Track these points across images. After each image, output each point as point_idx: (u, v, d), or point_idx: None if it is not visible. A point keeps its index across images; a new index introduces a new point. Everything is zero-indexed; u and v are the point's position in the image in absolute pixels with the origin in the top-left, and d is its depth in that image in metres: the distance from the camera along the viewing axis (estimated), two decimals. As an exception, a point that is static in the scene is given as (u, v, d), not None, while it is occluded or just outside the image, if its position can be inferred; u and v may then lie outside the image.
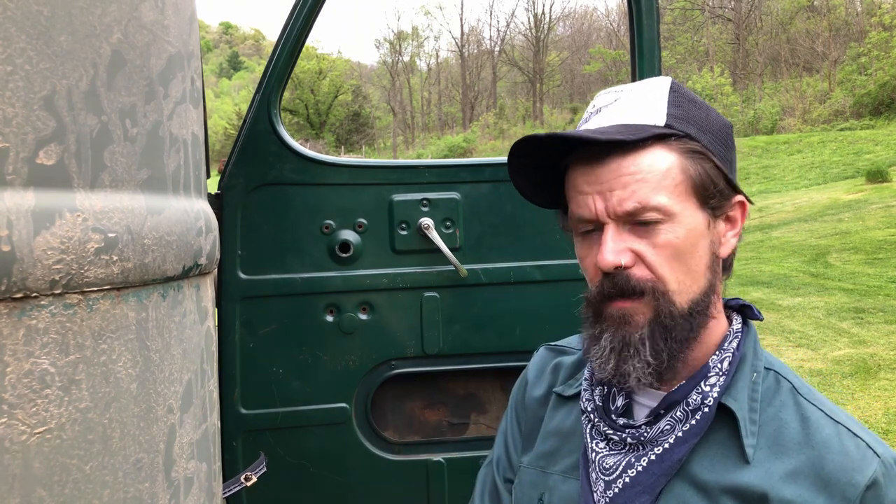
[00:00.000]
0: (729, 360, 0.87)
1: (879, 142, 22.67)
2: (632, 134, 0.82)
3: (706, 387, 0.85)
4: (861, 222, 12.98)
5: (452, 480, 1.95)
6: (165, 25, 0.59)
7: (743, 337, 0.90)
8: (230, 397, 1.84)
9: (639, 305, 0.84)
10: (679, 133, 0.84)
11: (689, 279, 0.84)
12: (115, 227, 0.51)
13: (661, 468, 0.84)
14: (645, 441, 0.86)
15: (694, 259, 0.84)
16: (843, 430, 0.82)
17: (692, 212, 0.83)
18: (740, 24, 43.45)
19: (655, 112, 0.85)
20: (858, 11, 39.38)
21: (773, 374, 0.88)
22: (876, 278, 8.97)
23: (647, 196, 0.82)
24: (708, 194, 0.84)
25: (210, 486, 0.67)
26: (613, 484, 0.86)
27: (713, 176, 0.84)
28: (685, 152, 0.83)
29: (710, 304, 0.86)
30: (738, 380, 0.86)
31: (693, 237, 0.83)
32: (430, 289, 1.93)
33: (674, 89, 0.87)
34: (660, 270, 0.83)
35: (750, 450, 0.82)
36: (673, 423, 0.85)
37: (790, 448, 0.82)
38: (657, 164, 0.83)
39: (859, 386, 5.30)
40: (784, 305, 8.03)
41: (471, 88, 61.29)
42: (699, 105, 0.88)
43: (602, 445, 0.90)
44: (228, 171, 1.86)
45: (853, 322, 7.10)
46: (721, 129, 0.88)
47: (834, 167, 21.41)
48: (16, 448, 0.46)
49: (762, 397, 0.86)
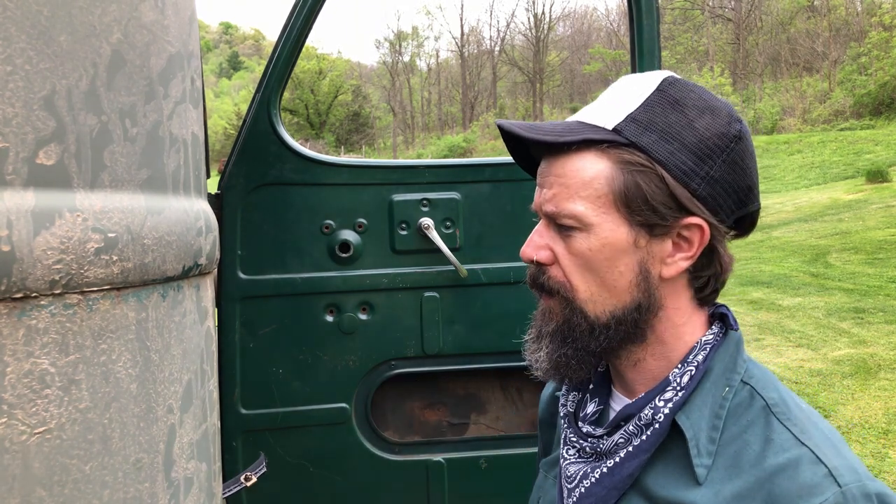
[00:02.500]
0: (691, 373, 0.82)
1: (879, 142, 22.66)
2: (563, 135, 0.80)
3: (660, 402, 0.81)
4: (861, 222, 12.97)
5: (452, 480, 1.95)
6: (165, 25, 0.59)
7: (714, 349, 0.84)
8: (230, 397, 1.84)
9: (555, 305, 0.84)
10: (622, 141, 0.78)
11: (605, 292, 0.81)
12: (114, 227, 0.51)
13: (611, 481, 0.82)
14: (602, 452, 0.84)
15: (610, 273, 0.80)
16: (805, 454, 0.74)
17: (614, 225, 0.79)
18: (740, 24, 43.45)
19: (616, 113, 0.80)
20: (858, 11, 39.38)
21: (749, 389, 0.82)
22: (876, 278, 8.96)
23: (564, 201, 0.80)
24: (634, 210, 0.78)
25: (210, 486, 0.67)
26: (573, 492, 0.86)
27: (649, 192, 0.77)
28: (620, 162, 0.78)
29: (638, 321, 0.82)
30: (698, 395, 0.81)
31: (609, 251, 0.79)
32: (430, 289, 1.93)
33: (660, 88, 0.81)
34: (571, 276, 0.82)
35: (702, 470, 0.77)
36: (627, 437, 0.82)
37: (745, 470, 0.76)
38: (584, 170, 0.79)
39: (859, 386, 5.29)
40: (784, 305, 8.03)
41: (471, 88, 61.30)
42: (685, 109, 0.79)
43: (571, 452, 0.89)
44: (228, 171, 1.86)
45: (853, 322, 7.10)
46: (706, 139, 0.78)
47: (834, 167, 21.41)
48: (16, 448, 0.46)
49: (729, 414, 0.80)
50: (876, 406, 4.89)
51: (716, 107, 0.81)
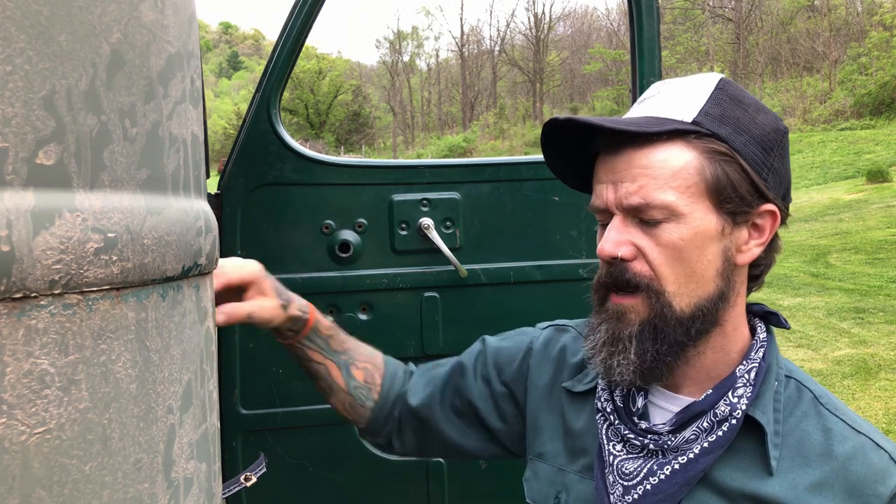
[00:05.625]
0: (756, 370, 0.85)
1: (880, 142, 22.66)
2: (647, 126, 0.80)
3: (734, 398, 0.83)
4: (861, 222, 12.97)
5: (452, 480, 1.95)
6: (165, 25, 0.59)
7: (768, 346, 0.88)
8: (230, 397, 1.84)
9: (635, 303, 0.83)
10: (705, 132, 0.80)
11: (692, 282, 0.81)
12: (114, 227, 0.51)
13: (684, 478, 0.82)
14: (667, 449, 0.84)
15: (700, 263, 0.81)
16: (866, 442, 0.82)
17: (703, 214, 0.80)
18: (741, 24, 43.44)
19: (689, 108, 0.82)
20: (859, 11, 39.38)
21: (795, 382, 0.87)
22: (876, 278, 8.96)
23: (653, 192, 0.80)
24: (724, 198, 0.80)
25: (210, 486, 0.67)
26: (633, 490, 0.85)
27: (735, 180, 0.80)
28: (706, 152, 0.80)
29: (718, 311, 0.84)
30: (765, 391, 0.84)
31: (700, 240, 0.80)
32: (430, 289, 1.93)
33: (720, 87, 0.84)
34: (659, 269, 0.81)
35: (774, 462, 0.81)
36: (698, 433, 0.83)
37: (813, 459, 0.81)
38: (671, 160, 0.80)
39: (860, 386, 5.29)
40: (784, 305, 8.03)
41: (471, 88, 61.30)
42: (745, 105, 0.84)
43: (619, 448, 0.88)
44: (228, 171, 1.86)
45: (854, 322, 7.10)
46: (767, 133, 0.83)
47: (834, 167, 21.40)
48: (15, 448, 0.46)
49: (784, 407, 0.84)
50: (876, 406, 4.89)
51: (765, 105, 0.87)
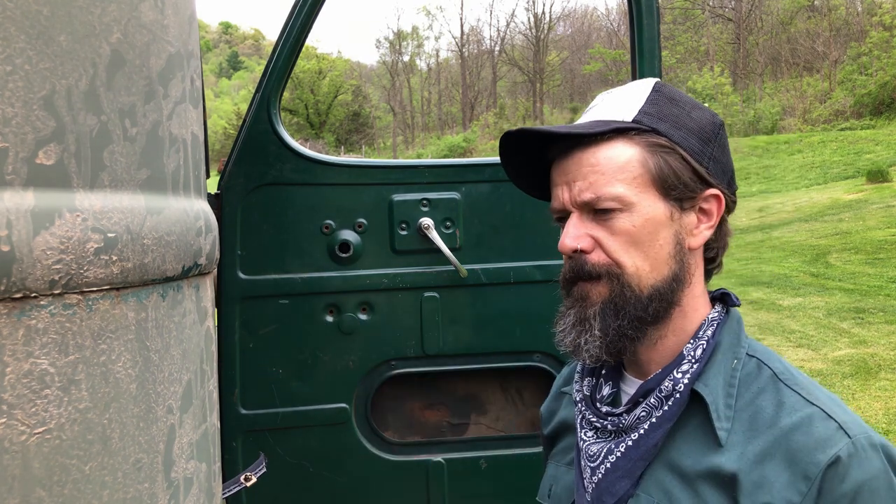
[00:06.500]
0: (703, 347, 0.91)
1: (880, 142, 22.66)
2: (592, 128, 0.88)
3: (678, 374, 0.89)
4: (861, 222, 12.97)
5: (452, 480, 1.95)
6: (165, 25, 0.59)
7: (721, 325, 0.93)
8: (230, 397, 1.84)
9: (596, 286, 0.90)
10: (645, 128, 0.88)
11: (648, 265, 0.88)
12: (114, 227, 0.51)
13: (637, 453, 0.88)
14: (624, 428, 0.91)
15: (653, 247, 0.88)
16: (815, 412, 0.83)
17: (651, 202, 0.88)
18: (741, 24, 43.44)
19: (629, 109, 0.90)
20: (859, 11, 39.36)
21: (756, 361, 0.91)
22: (876, 278, 8.96)
23: (603, 186, 0.87)
24: (669, 185, 0.88)
25: (210, 486, 0.67)
26: (597, 470, 0.92)
27: (677, 169, 0.88)
28: (648, 146, 0.88)
29: (674, 291, 0.90)
30: (712, 366, 0.89)
31: (651, 226, 0.88)
32: (430, 289, 1.93)
33: (656, 89, 0.92)
34: (616, 256, 0.88)
35: (722, 433, 0.85)
36: (648, 410, 0.89)
37: (762, 431, 0.84)
38: (616, 156, 0.88)
39: (860, 386, 5.29)
40: (784, 305, 8.03)
41: (471, 88, 61.27)
42: (681, 104, 0.92)
43: (590, 434, 0.95)
44: (228, 171, 1.86)
45: (853, 322, 7.09)
46: (703, 126, 0.91)
47: (834, 167, 21.40)
48: (15, 448, 0.45)
49: (740, 383, 0.89)
50: (876, 406, 4.89)
51: (700, 103, 0.95)
